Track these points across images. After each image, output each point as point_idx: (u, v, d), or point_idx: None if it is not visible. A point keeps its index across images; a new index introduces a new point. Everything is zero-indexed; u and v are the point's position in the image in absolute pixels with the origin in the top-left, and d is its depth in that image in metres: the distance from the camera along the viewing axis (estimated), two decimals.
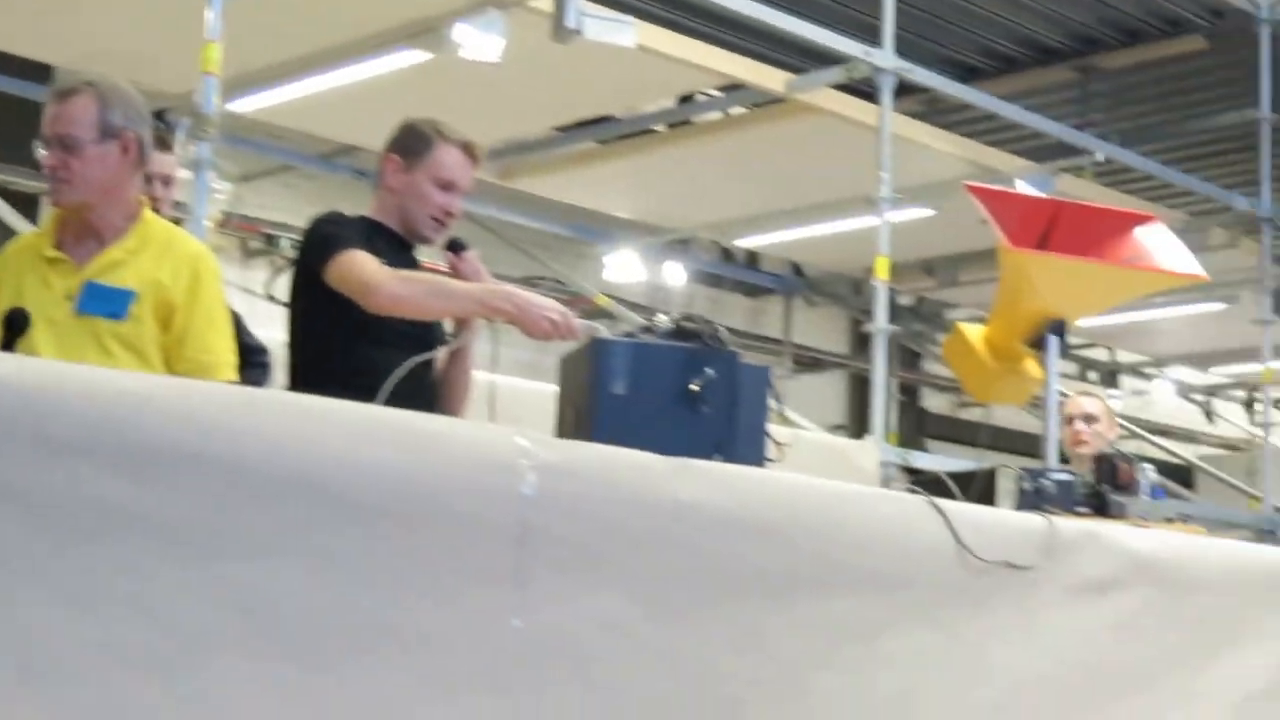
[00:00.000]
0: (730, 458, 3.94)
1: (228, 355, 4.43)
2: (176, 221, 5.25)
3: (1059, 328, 5.32)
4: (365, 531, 3.06)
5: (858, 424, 15.54)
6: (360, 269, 4.47)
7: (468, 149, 4.82)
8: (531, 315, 4.35)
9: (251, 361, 5.11)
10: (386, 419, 3.24)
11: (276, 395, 3.09)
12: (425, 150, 4.77)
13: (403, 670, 3.10)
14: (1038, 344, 5.37)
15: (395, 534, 3.11)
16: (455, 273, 4.74)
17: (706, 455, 3.86)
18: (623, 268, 13.26)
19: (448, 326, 4.83)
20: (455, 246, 4.79)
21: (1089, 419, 7.19)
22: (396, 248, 4.74)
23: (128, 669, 2.75)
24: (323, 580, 3.01)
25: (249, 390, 3.09)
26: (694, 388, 3.96)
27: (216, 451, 2.87)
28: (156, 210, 4.89)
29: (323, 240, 4.61)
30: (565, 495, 3.34)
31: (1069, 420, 7.20)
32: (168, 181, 5.42)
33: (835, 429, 15.47)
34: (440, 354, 4.63)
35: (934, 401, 16.87)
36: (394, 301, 4.42)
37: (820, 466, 7.59)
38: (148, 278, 4.31)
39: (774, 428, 4.31)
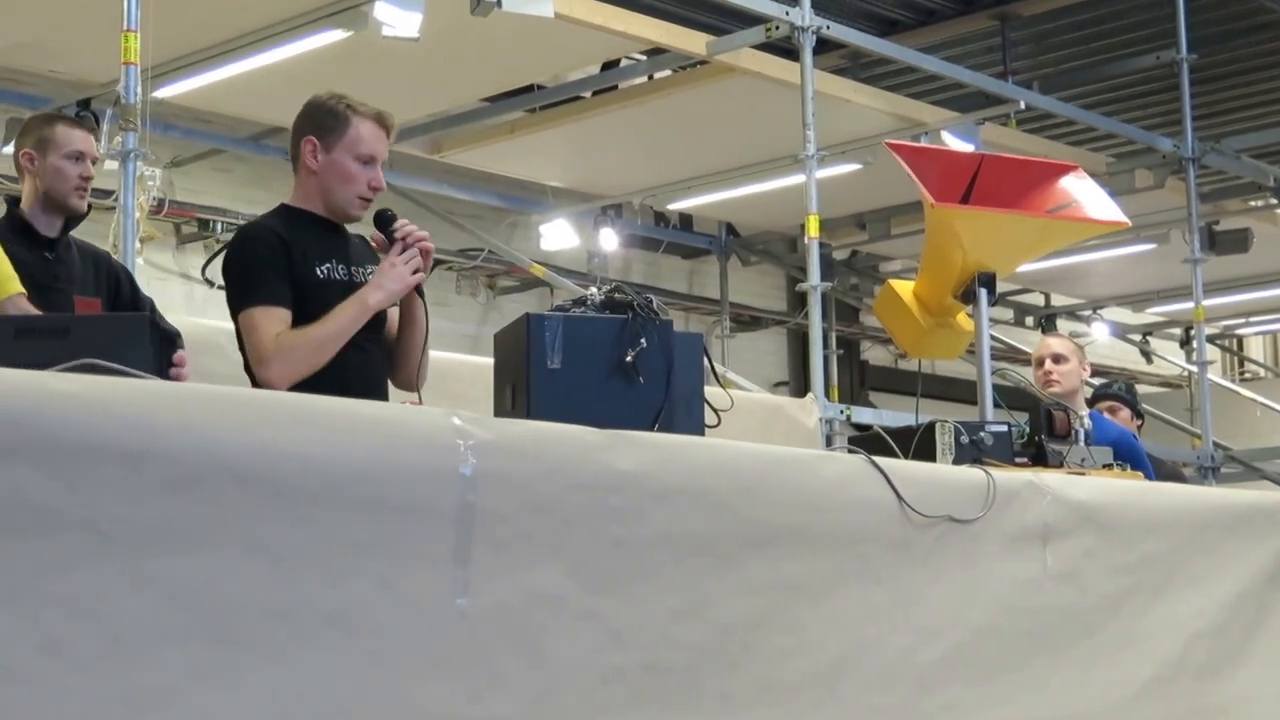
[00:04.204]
0: (669, 427, 3.96)
1: None
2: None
3: (988, 280, 5.35)
4: (302, 520, 3.05)
5: (800, 380, 15.58)
6: (255, 339, 4.48)
7: (380, 119, 4.71)
8: (397, 283, 4.54)
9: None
10: (317, 406, 3.22)
11: (205, 388, 3.07)
12: (342, 128, 4.65)
13: (350, 656, 3.10)
14: (967, 297, 5.40)
15: (333, 520, 3.10)
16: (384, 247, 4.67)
17: (646, 426, 3.89)
18: (557, 236, 13.22)
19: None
20: (384, 221, 4.66)
21: (1058, 359, 7.13)
22: (323, 232, 4.69)
23: (68, 669, 2.73)
24: (261, 571, 2.99)
25: (176, 385, 3.07)
26: (629, 359, 3.98)
27: (146, 447, 2.85)
28: (83, 189, 5.12)
29: (235, 282, 4.57)
30: (503, 473, 3.35)
31: (1039, 363, 7.18)
32: (96, 160, 5.37)
33: (778, 386, 15.51)
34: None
35: (874, 354, 16.92)
36: (285, 381, 4.39)
37: (763, 426, 7.65)
38: None
39: (715, 391, 4.32)
